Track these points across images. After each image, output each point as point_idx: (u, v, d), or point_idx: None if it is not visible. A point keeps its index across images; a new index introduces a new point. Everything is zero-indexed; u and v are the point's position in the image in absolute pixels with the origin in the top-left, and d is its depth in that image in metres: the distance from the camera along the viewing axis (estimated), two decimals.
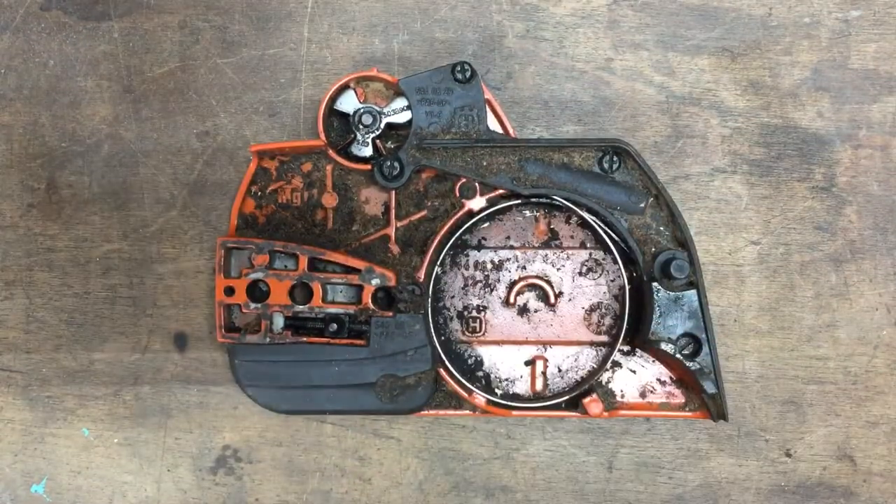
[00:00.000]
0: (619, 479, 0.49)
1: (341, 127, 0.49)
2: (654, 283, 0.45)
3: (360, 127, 0.48)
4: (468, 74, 0.47)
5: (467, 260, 0.49)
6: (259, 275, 0.46)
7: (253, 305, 0.47)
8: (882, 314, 0.49)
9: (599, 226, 0.47)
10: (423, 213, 0.48)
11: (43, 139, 0.51)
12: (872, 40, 0.50)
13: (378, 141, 0.48)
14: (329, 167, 0.48)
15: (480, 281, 0.49)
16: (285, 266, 0.47)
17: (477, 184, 0.47)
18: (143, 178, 0.51)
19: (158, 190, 0.51)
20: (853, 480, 0.49)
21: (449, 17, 0.51)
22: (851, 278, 0.50)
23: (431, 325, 0.47)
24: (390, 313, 0.47)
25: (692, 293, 0.45)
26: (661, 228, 0.46)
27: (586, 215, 0.47)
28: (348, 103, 0.48)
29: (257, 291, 0.47)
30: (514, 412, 0.47)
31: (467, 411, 0.48)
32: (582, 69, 0.50)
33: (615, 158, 0.47)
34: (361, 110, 0.48)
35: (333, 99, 0.48)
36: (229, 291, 0.47)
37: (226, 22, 0.51)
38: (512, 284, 0.49)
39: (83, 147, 0.51)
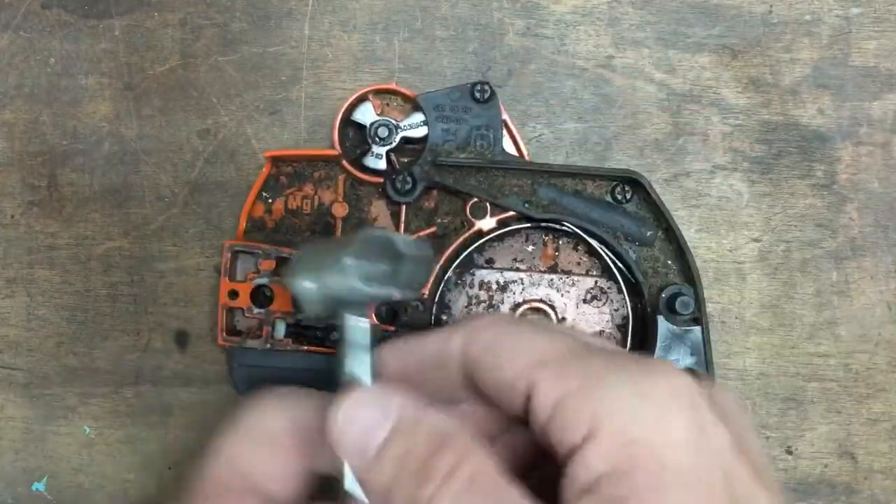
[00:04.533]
0: None
1: (356, 137, 0.48)
2: (659, 317, 0.45)
3: (376, 139, 0.47)
4: (487, 95, 0.47)
5: (473, 279, 0.49)
6: (264, 280, 0.46)
7: (256, 310, 0.46)
8: (883, 311, 0.49)
9: (608, 255, 0.47)
10: (433, 229, 0.48)
11: (44, 137, 0.51)
12: (873, 37, 0.50)
13: (392, 154, 0.48)
14: (342, 177, 0.48)
15: (485, 301, 0.49)
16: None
17: (488, 204, 0.47)
18: (143, 175, 0.51)
19: (159, 188, 0.51)
20: (854, 478, 0.49)
21: (450, 14, 0.51)
22: (852, 275, 0.50)
23: None
24: (392, 328, 0.46)
25: (696, 329, 0.45)
26: (669, 262, 0.46)
27: (595, 244, 0.47)
28: (365, 115, 0.48)
29: (261, 296, 0.47)
30: None
31: None
32: (583, 67, 0.50)
33: (628, 189, 0.46)
34: (378, 123, 0.47)
35: (350, 110, 0.48)
36: (233, 295, 0.46)
37: (227, 20, 0.51)
38: (515, 307, 0.49)
39: (84, 145, 0.51)
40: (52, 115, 0.51)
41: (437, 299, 0.47)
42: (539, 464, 0.29)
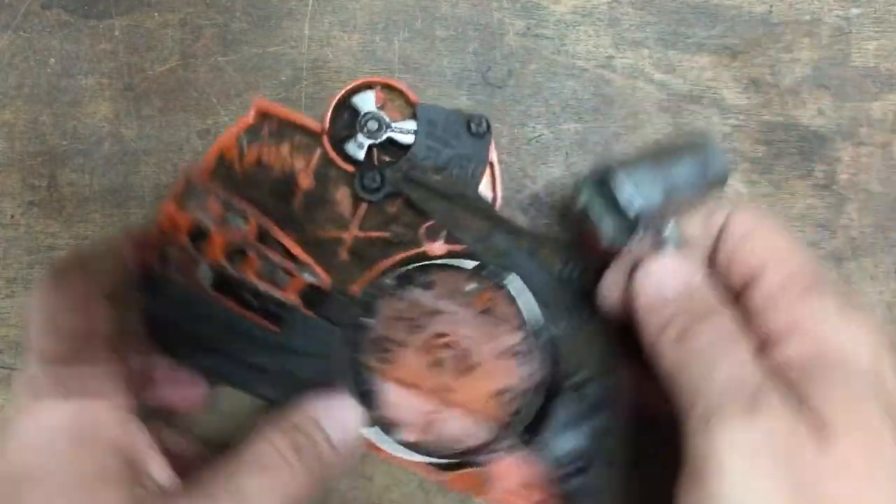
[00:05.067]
0: None
1: (347, 120, 0.48)
2: (566, 394, 0.44)
3: (364, 129, 0.47)
4: (482, 130, 0.46)
5: (406, 295, 0.47)
6: (207, 222, 0.45)
7: (190, 248, 0.45)
8: (883, 312, 0.49)
9: (533, 324, 0.46)
10: (386, 234, 0.47)
11: (44, 137, 0.51)
12: (873, 38, 0.50)
13: (375, 149, 0.47)
14: (318, 152, 0.47)
15: (410, 319, 0.47)
16: (236, 225, 0.46)
17: (444, 230, 0.46)
18: (143, 175, 0.51)
19: (159, 188, 0.51)
20: None
21: (450, 14, 0.51)
22: (852, 276, 0.50)
23: (346, 341, 0.45)
24: (311, 313, 0.45)
25: (600, 415, 0.44)
26: (590, 352, 0.45)
27: (524, 310, 0.46)
28: (364, 102, 0.47)
29: (199, 237, 0.45)
30: (385, 454, 0.46)
31: None
32: (583, 67, 0.50)
33: (574, 269, 0.45)
34: (372, 114, 0.47)
35: (353, 93, 0.47)
36: (173, 224, 0.44)
37: (226, 20, 0.51)
38: (437, 336, 0.47)
39: (84, 145, 0.51)
40: (52, 115, 0.51)
41: (364, 300, 0.46)
42: None
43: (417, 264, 0.46)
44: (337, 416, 0.42)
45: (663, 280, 0.39)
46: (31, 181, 0.51)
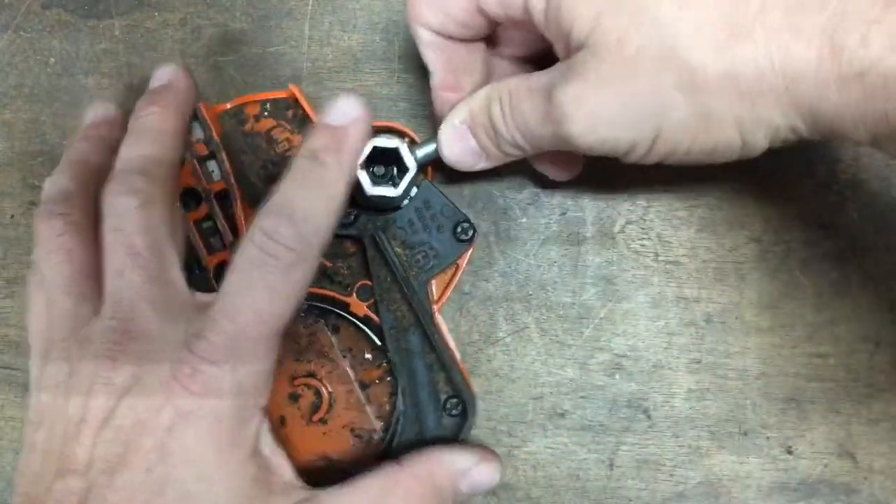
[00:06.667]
0: (620, 476, 0.49)
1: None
2: None
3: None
4: (464, 237, 0.46)
5: (311, 324, 0.47)
6: (187, 154, 0.46)
7: None
8: (883, 311, 0.49)
9: (398, 432, 0.45)
10: (328, 265, 0.47)
11: (44, 137, 0.51)
12: None
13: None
14: None
15: (298, 346, 0.46)
16: (210, 171, 0.47)
17: (374, 298, 0.46)
18: None
19: None
20: (854, 478, 0.49)
21: None
22: (853, 275, 0.50)
23: None
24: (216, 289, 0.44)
25: None
26: None
27: (399, 406, 0.45)
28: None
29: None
30: None
31: None
32: None
33: (454, 408, 0.45)
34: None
35: (382, 131, 0.46)
36: None
37: (227, 20, 0.51)
38: (309, 375, 0.46)
39: None
40: (51, 115, 0.51)
41: None
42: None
43: (332, 307, 0.46)
44: (476, 479, 0.42)
45: (452, 135, 0.43)
46: (30, 181, 0.51)
